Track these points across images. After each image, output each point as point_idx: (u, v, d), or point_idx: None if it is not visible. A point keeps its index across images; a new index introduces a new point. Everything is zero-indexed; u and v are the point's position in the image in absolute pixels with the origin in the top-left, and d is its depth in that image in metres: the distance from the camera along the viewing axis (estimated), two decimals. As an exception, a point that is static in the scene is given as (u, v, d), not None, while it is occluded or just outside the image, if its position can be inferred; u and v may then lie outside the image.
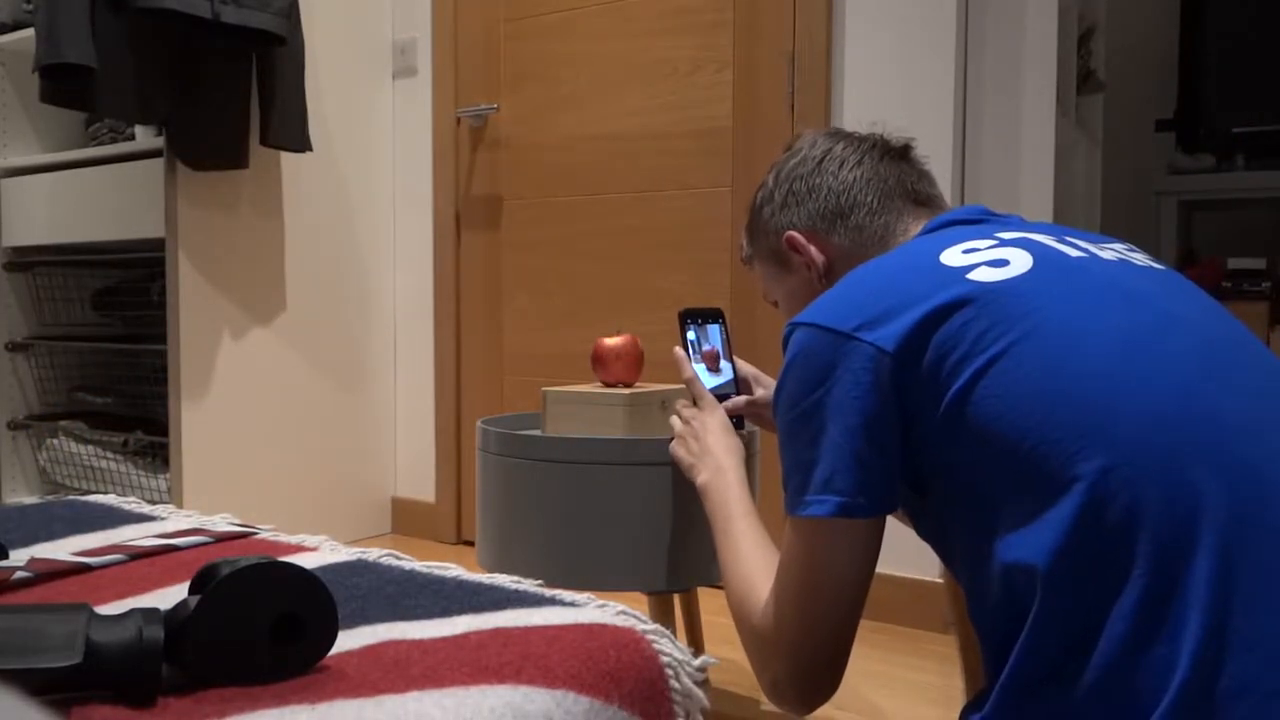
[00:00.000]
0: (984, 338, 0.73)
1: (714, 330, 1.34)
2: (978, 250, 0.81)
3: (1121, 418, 0.66)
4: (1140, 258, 0.85)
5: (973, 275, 0.77)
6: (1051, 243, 0.82)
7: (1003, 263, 0.78)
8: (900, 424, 0.78)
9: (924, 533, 0.87)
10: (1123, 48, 3.24)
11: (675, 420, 1.26)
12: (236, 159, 2.22)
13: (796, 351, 0.83)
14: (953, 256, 0.81)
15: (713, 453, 1.17)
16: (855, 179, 1.02)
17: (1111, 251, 0.84)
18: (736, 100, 2.19)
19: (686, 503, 1.32)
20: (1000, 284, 0.76)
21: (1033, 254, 0.79)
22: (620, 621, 0.80)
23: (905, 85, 1.97)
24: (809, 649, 0.86)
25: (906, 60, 1.97)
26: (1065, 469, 0.66)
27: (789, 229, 1.04)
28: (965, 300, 0.75)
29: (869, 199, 1.01)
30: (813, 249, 1.03)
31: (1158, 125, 2.31)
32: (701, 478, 1.16)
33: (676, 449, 1.24)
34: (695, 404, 1.26)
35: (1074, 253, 0.81)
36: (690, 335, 1.32)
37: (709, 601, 2.15)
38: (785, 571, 0.86)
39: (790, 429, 0.83)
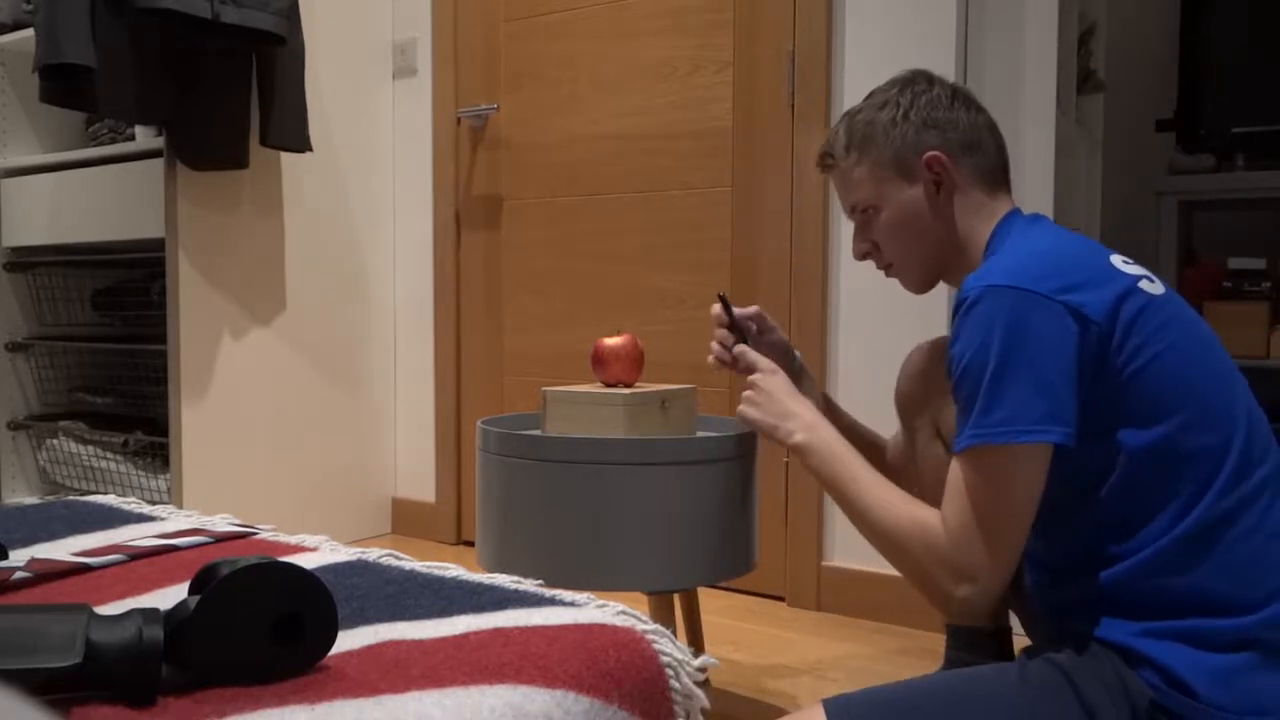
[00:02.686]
0: (1159, 331, 0.99)
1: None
2: (1130, 265, 1.05)
3: (1234, 403, 1.01)
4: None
5: (1140, 285, 1.02)
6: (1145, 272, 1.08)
7: (1151, 279, 1.05)
8: (1089, 374, 0.98)
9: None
10: (1123, 48, 3.24)
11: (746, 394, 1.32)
12: (236, 159, 2.22)
13: (998, 306, 0.98)
14: (1119, 263, 1.04)
15: (796, 412, 1.22)
16: (982, 124, 1.20)
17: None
18: (736, 100, 2.19)
19: (686, 502, 1.32)
20: (1158, 297, 1.02)
21: (1156, 280, 1.07)
22: (620, 621, 0.80)
23: (905, 85, 1.96)
24: (1004, 566, 1.01)
25: (906, 60, 1.96)
26: (1216, 426, 0.99)
27: (933, 149, 1.16)
28: (1143, 297, 1.00)
29: (990, 146, 1.19)
30: (953, 174, 1.17)
31: (1158, 125, 2.31)
32: (797, 437, 1.21)
33: (750, 413, 1.27)
34: (754, 372, 1.31)
35: (1160, 289, 1.06)
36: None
37: (709, 601, 2.16)
38: (982, 498, 0.99)
39: (998, 370, 0.98)
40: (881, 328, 2.01)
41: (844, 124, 1.25)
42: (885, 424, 2.02)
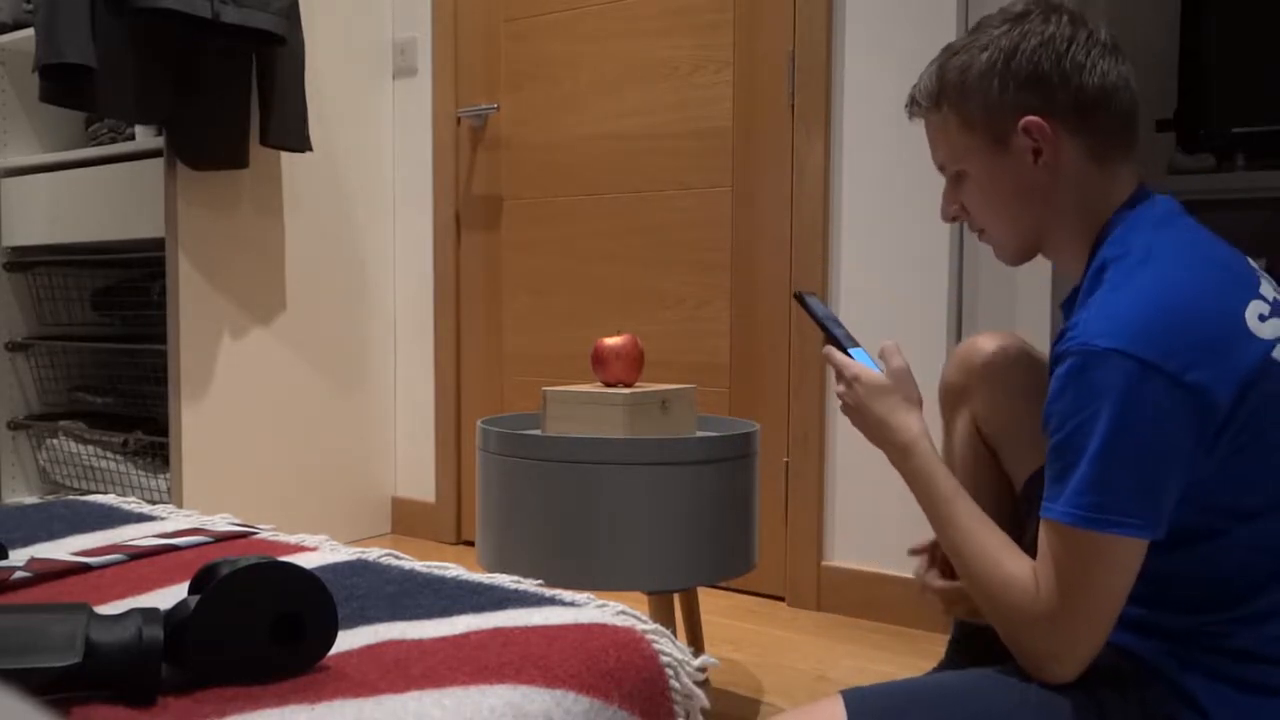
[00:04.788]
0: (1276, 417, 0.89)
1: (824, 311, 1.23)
2: (1265, 319, 0.91)
3: None
4: None
5: (1276, 354, 0.90)
6: None
7: None
8: (1198, 459, 0.89)
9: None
10: (1123, 47, 3.24)
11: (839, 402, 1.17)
12: (236, 159, 2.22)
13: (1115, 377, 0.87)
14: (1254, 320, 0.91)
15: (888, 424, 1.08)
16: (1110, 78, 0.98)
17: None
18: (736, 100, 2.19)
19: (686, 502, 1.32)
20: None
21: None
22: (620, 621, 0.80)
23: (905, 85, 1.96)
24: (1096, 641, 0.92)
25: (906, 60, 1.97)
26: None
27: (1032, 112, 0.97)
28: (1275, 375, 0.89)
29: (1117, 105, 0.99)
30: (1056, 145, 0.98)
31: (1158, 125, 2.31)
32: (891, 456, 1.08)
33: (852, 421, 1.14)
34: (841, 381, 1.14)
35: None
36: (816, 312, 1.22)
37: (709, 601, 2.16)
38: (1071, 574, 0.90)
39: (1105, 453, 0.88)
40: (882, 329, 2.01)
41: (938, 64, 1.05)
42: (885, 424, 2.02)
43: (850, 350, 1.15)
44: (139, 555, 1.01)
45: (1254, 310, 0.90)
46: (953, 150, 1.04)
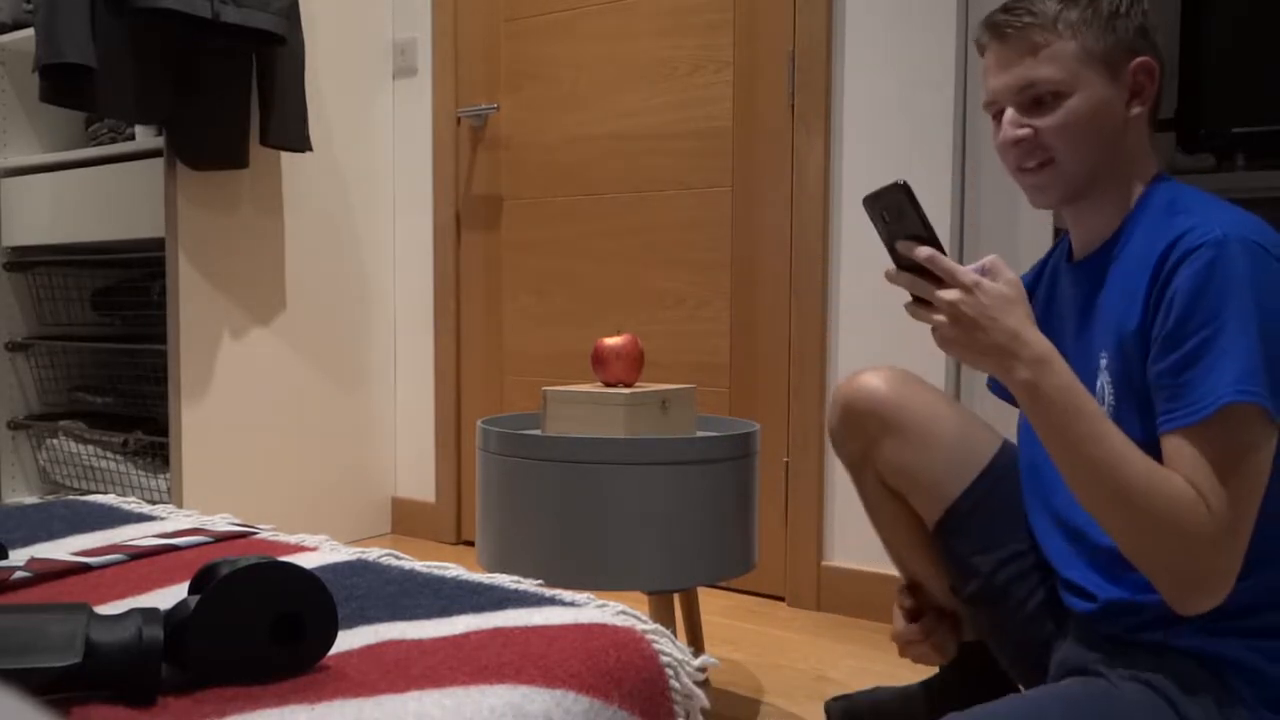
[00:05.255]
0: None
1: (908, 211, 1.00)
2: None
3: None
4: None
5: None
6: None
7: None
8: None
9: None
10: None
11: (935, 316, 0.98)
12: (236, 159, 2.22)
13: (1254, 260, 0.90)
14: None
15: (1022, 338, 0.94)
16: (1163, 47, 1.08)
17: None
18: (736, 100, 2.19)
19: (686, 502, 1.32)
20: None
21: None
22: (620, 621, 0.80)
23: (905, 85, 1.97)
24: (1245, 543, 0.91)
25: (906, 60, 1.97)
26: None
27: (1150, 55, 1.05)
28: None
29: (1161, 84, 1.08)
30: (1154, 92, 1.06)
31: (1158, 125, 2.32)
32: (1021, 374, 0.94)
33: (957, 340, 0.97)
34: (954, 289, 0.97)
35: None
36: (885, 222, 1.01)
37: (709, 601, 2.16)
38: (1240, 466, 0.89)
39: (1270, 329, 0.89)
40: (880, 328, 2.01)
41: None
42: (885, 424, 2.02)
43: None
44: (139, 555, 1.01)
45: None
46: (1065, 73, 1.03)
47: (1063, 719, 0.94)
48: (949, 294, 0.96)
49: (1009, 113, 1.06)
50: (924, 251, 0.97)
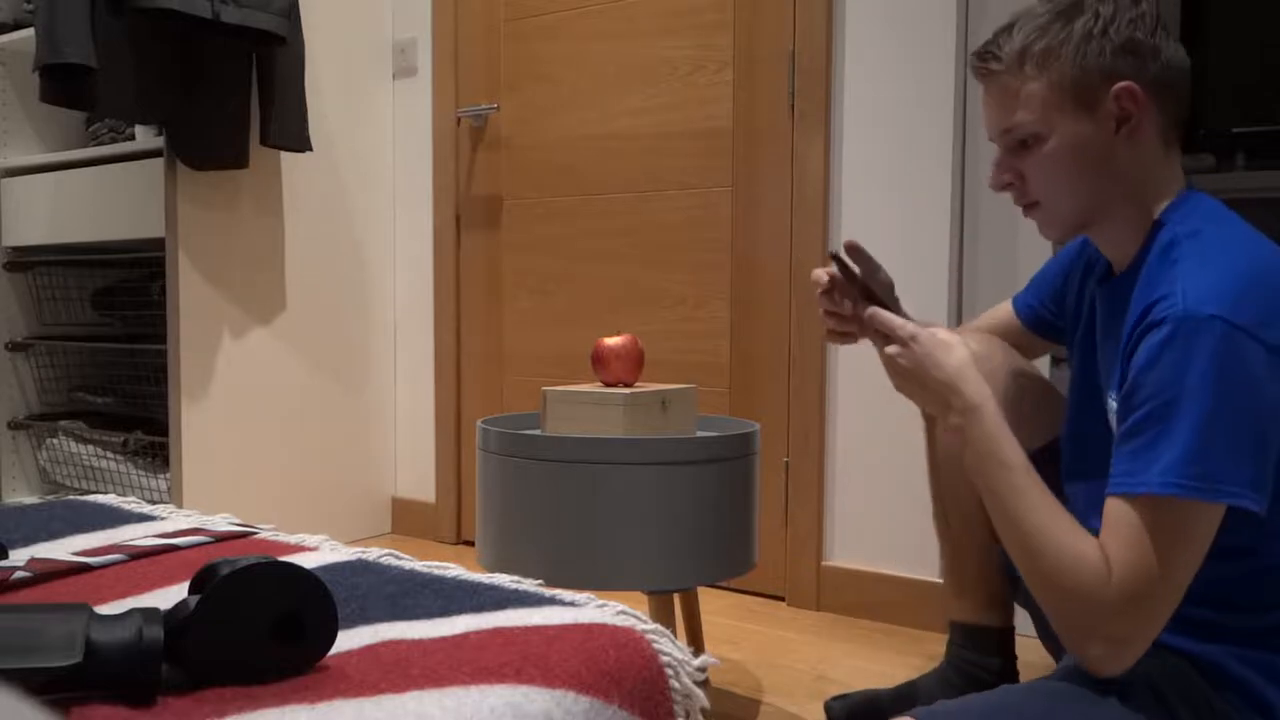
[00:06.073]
0: None
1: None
2: None
3: None
4: None
5: None
6: None
7: None
8: None
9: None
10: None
11: (887, 363, 1.09)
12: (236, 159, 2.22)
13: (1207, 340, 0.87)
14: None
15: (954, 386, 1.01)
16: (1181, 62, 1.00)
17: None
18: (736, 100, 2.19)
19: (686, 502, 1.32)
20: None
21: None
22: (620, 621, 0.80)
23: (905, 84, 1.97)
24: (1163, 624, 0.91)
25: (906, 60, 1.97)
26: None
27: (1127, 79, 0.98)
28: None
29: (1182, 91, 1.01)
30: (1143, 114, 0.98)
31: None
32: (954, 419, 1.01)
33: (901, 390, 1.08)
34: (891, 341, 1.07)
35: None
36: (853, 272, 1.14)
37: (709, 601, 2.16)
38: (1168, 553, 0.88)
39: (1211, 418, 0.86)
40: (881, 328, 2.01)
41: (1019, 25, 1.03)
42: (884, 423, 2.02)
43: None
44: (139, 555, 1.01)
45: None
46: (1034, 116, 1.01)
47: (1042, 716, 0.94)
48: (889, 349, 1.06)
49: (997, 154, 1.07)
50: (866, 313, 1.07)
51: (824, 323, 1.20)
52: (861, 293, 1.14)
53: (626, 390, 1.40)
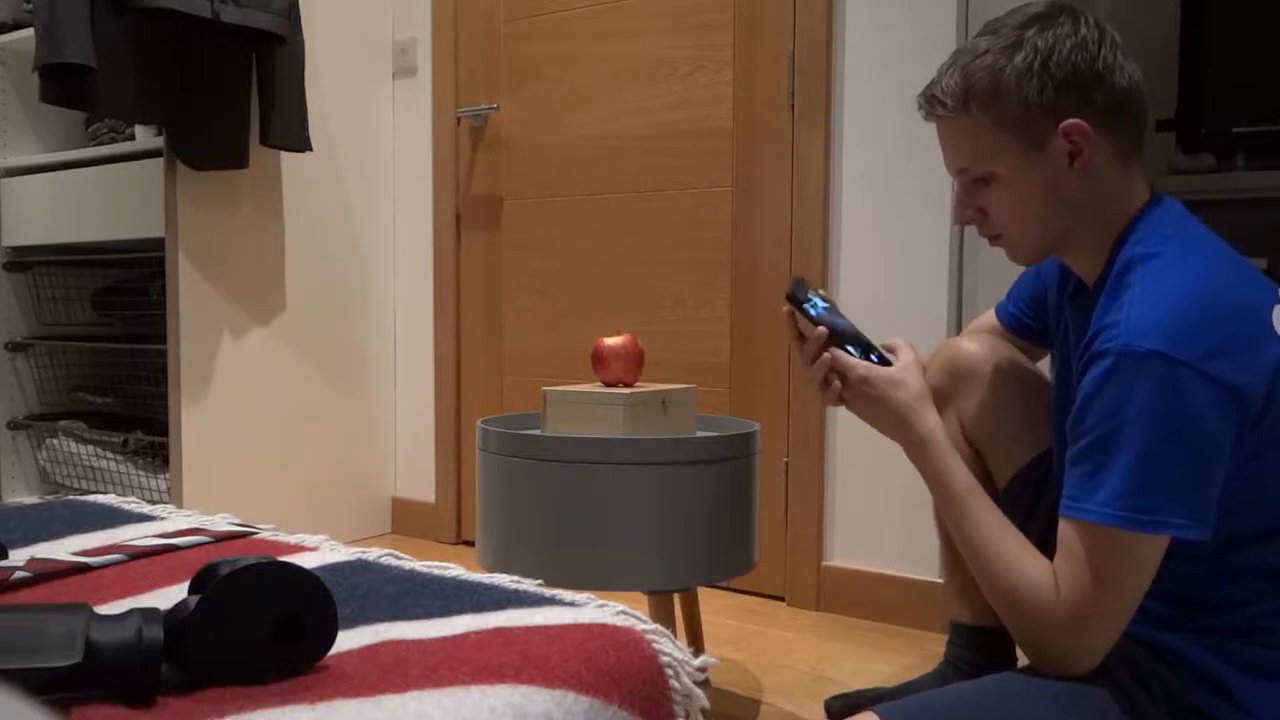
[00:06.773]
0: None
1: (815, 301, 1.18)
2: None
3: None
4: None
5: None
6: None
7: None
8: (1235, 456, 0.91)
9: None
10: (1123, 47, 3.24)
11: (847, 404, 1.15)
12: (236, 158, 2.22)
13: (1149, 376, 0.88)
14: (1278, 323, 0.93)
15: (904, 419, 1.09)
16: (1133, 81, 0.99)
17: None
18: (736, 100, 2.19)
19: (686, 502, 1.32)
20: None
21: None
22: (620, 621, 0.80)
23: (905, 85, 1.97)
24: (1110, 641, 0.94)
25: (906, 60, 1.97)
26: None
27: (1070, 114, 0.97)
28: None
29: (1135, 110, 1.00)
30: (1094, 147, 0.98)
31: (1158, 125, 2.31)
32: (907, 451, 1.10)
33: (862, 417, 1.14)
34: (848, 380, 1.13)
35: None
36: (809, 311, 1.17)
37: (709, 601, 2.16)
38: (1108, 577, 0.91)
39: (1148, 452, 0.88)
40: (882, 329, 2.01)
41: (960, 64, 1.01)
42: (885, 424, 2.02)
43: (847, 347, 1.14)
44: (139, 555, 1.01)
45: (1277, 314, 0.93)
46: (980, 153, 1.01)
47: (998, 707, 0.95)
48: (844, 392, 1.14)
49: (958, 191, 1.08)
50: (825, 356, 1.13)
51: (811, 380, 1.19)
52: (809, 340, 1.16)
53: (626, 390, 1.40)
